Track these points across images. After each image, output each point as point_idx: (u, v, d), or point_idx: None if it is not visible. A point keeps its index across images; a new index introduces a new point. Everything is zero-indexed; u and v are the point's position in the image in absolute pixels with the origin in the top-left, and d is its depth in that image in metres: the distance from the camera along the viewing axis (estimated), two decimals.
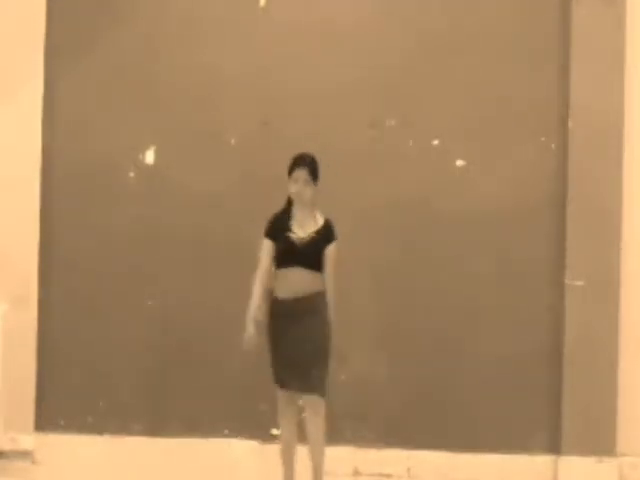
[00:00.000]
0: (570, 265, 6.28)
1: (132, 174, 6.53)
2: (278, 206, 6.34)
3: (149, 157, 6.52)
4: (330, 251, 5.36)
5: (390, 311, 6.34)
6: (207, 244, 6.46)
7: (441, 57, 6.45)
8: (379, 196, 6.30)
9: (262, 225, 6.39)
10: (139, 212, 6.51)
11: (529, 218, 6.38)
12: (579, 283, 6.25)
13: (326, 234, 5.38)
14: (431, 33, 6.46)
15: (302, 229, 5.38)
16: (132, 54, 6.54)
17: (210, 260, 6.46)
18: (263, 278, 5.41)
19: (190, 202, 6.47)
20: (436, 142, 6.44)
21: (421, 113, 6.44)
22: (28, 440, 6.41)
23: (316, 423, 5.30)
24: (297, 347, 5.30)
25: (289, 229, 5.39)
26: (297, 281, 5.33)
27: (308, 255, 5.33)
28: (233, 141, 6.50)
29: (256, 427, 6.38)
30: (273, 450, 6.34)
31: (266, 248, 5.42)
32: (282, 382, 5.42)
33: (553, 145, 6.39)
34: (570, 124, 6.31)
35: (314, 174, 5.36)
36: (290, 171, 5.38)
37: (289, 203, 5.46)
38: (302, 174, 5.34)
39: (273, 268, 5.44)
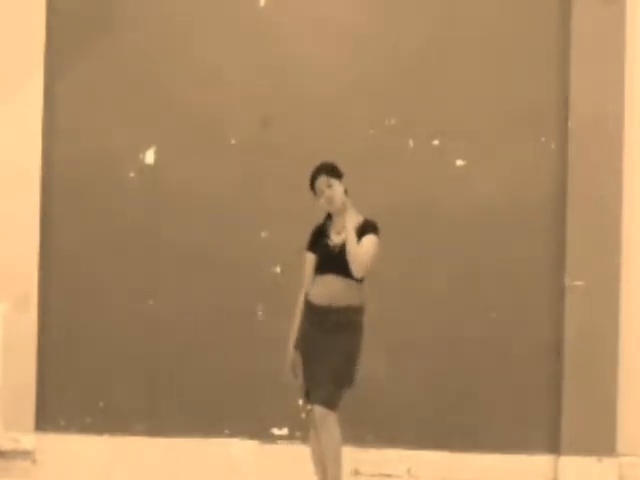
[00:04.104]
0: (570, 265, 6.28)
1: (132, 174, 6.53)
2: (279, 205, 6.38)
3: (149, 157, 6.52)
4: (365, 240, 5.04)
5: (390, 311, 6.34)
6: (207, 244, 6.45)
7: (441, 57, 6.45)
8: (379, 196, 6.29)
9: (262, 225, 6.43)
10: (139, 212, 6.51)
11: (529, 218, 6.38)
12: (579, 283, 6.26)
13: (361, 231, 5.10)
14: (431, 33, 6.46)
15: (339, 236, 5.15)
16: (132, 54, 6.53)
17: (210, 260, 6.45)
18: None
19: (190, 202, 6.47)
20: (436, 142, 6.44)
21: (421, 113, 6.45)
22: (28, 440, 6.41)
23: (325, 439, 5.00)
24: (323, 359, 5.04)
25: (327, 237, 5.20)
26: (331, 288, 5.09)
27: (341, 261, 5.05)
28: (233, 141, 6.50)
29: (256, 427, 6.39)
30: (273, 450, 6.37)
31: (307, 263, 5.23)
32: (305, 395, 5.13)
33: (553, 145, 6.39)
34: (570, 124, 6.31)
35: (334, 174, 5.15)
36: (311, 187, 5.17)
37: (329, 215, 5.26)
38: (322, 181, 5.12)
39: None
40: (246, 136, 6.49)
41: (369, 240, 5.09)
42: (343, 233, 5.12)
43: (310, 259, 5.24)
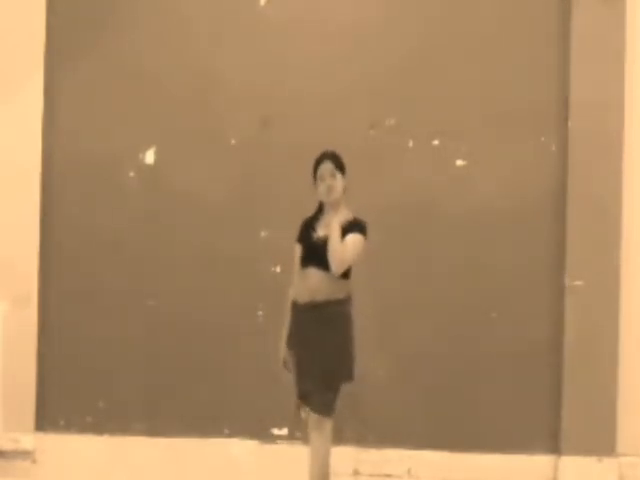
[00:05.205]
0: (570, 265, 6.28)
1: (132, 174, 6.53)
2: (278, 205, 6.38)
3: (149, 157, 6.52)
4: (349, 238, 4.96)
5: (390, 311, 6.35)
6: (207, 244, 6.46)
7: (441, 57, 6.45)
8: (379, 196, 6.30)
9: (262, 224, 6.44)
10: (139, 212, 6.51)
11: (529, 218, 6.38)
12: (579, 283, 6.26)
13: (348, 229, 5.00)
14: (431, 33, 6.46)
15: (326, 229, 5.04)
16: (132, 54, 6.54)
17: (210, 260, 6.46)
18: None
19: (190, 202, 6.47)
20: (436, 142, 6.44)
21: (421, 113, 6.44)
22: (28, 440, 6.41)
23: (318, 442, 5.02)
24: (315, 358, 5.02)
25: (313, 229, 5.13)
26: (312, 282, 5.04)
27: (323, 254, 4.96)
28: (233, 141, 6.50)
29: (256, 427, 6.39)
30: (273, 450, 6.36)
31: (296, 254, 5.18)
32: (299, 397, 5.12)
33: (553, 145, 6.39)
34: (570, 124, 6.31)
35: (339, 166, 5.11)
36: (314, 171, 5.11)
37: (320, 206, 5.21)
38: (327, 168, 5.07)
39: None
40: (246, 136, 6.49)
41: (353, 239, 5.01)
42: (329, 228, 5.02)
43: (298, 251, 5.19)
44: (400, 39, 6.45)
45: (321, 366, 5.03)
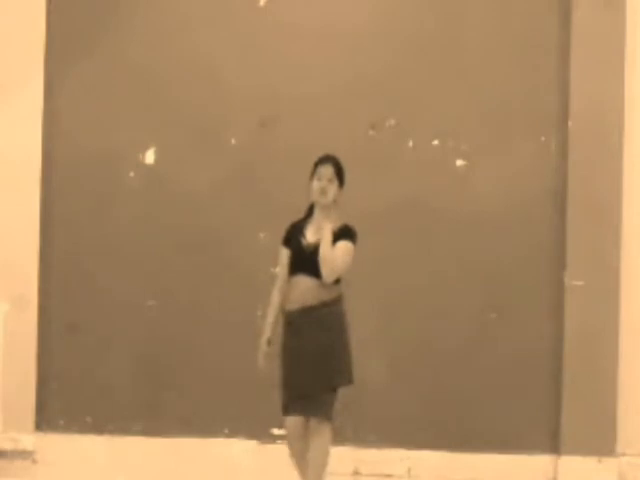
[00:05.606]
0: (570, 265, 6.28)
1: (132, 174, 6.53)
2: (278, 206, 6.37)
3: (149, 157, 6.52)
4: (340, 245, 4.87)
5: (389, 311, 6.35)
6: (207, 244, 6.46)
7: (441, 57, 6.45)
8: (379, 196, 6.30)
9: (262, 225, 6.43)
10: (139, 212, 6.51)
11: (529, 218, 6.38)
12: (579, 283, 6.25)
13: (338, 236, 4.90)
14: (431, 33, 6.46)
15: (315, 234, 4.95)
16: (132, 54, 6.54)
17: (210, 260, 6.46)
18: (280, 291, 5.08)
19: (190, 202, 6.47)
20: (436, 142, 6.44)
21: (421, 113, 6.45)
22: (28, 440, 6.41)
23: (319, 447, 4.90)
24: (309, 364, 4.89)
25: (302, 234, 5.02)
26: (302, 289, 4.92)
27: (313, 261, 4.87)
28: (233, 141, 6.50)
29: (256, 427, 6.38)
30: (273, 450, 6.36)
31: (282, 258, 5.07)
32: (285, 408, 4.98)
33: (553, 145, 6.39)
34: (570, 124, 6.31)
35: (339, 174, 5.01)
36: (313, 170, 5.01)
37: (310, 210, 5.10)
38: (327, 171, 4.96)
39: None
40: (246, 136, 6.49)
41: (344, 245, 4.93)
42: (319, 233, 4.94)
43: (285, 255, 5.07)
44: (400, 40, 6.45)
45: (318, 368, 4.92)
